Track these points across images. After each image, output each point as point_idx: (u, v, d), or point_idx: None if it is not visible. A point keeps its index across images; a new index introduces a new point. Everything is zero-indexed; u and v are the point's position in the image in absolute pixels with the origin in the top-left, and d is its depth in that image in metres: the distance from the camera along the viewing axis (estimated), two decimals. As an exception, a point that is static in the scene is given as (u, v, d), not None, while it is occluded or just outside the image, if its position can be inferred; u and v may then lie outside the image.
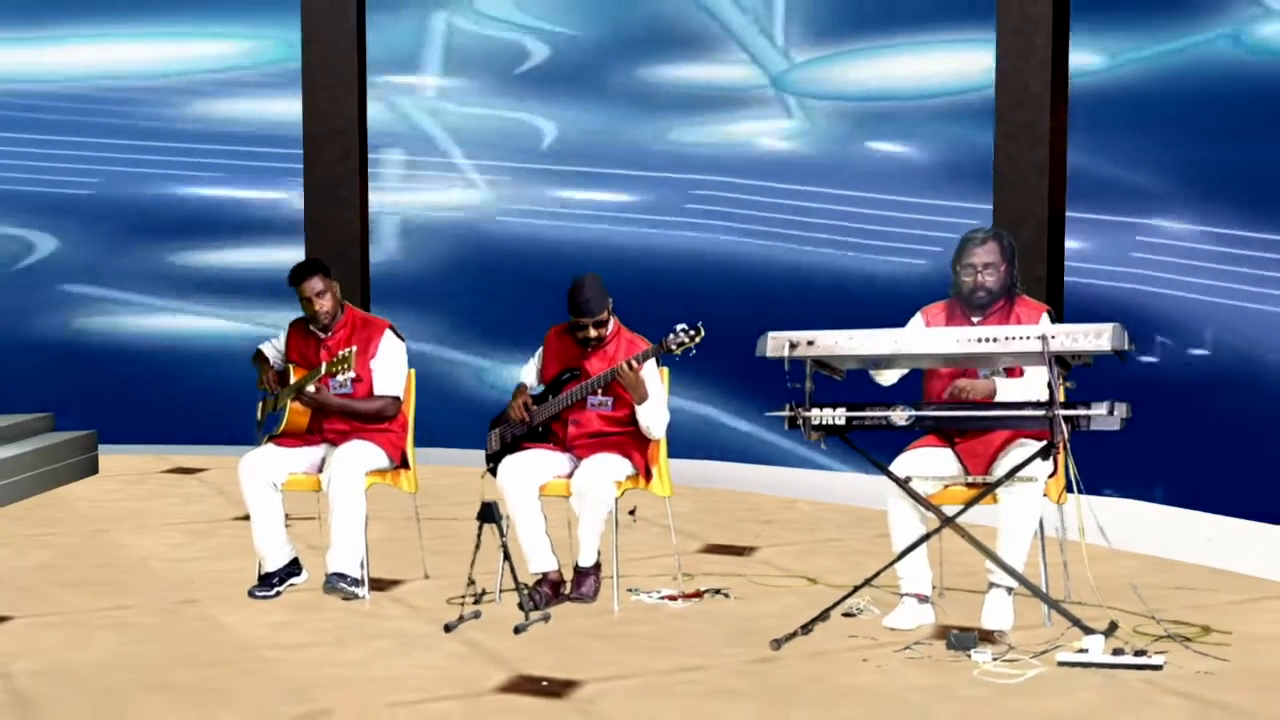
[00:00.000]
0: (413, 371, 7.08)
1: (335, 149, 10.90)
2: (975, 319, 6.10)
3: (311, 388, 6.66)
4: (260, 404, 7.09)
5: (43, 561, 7.41)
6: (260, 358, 7.00)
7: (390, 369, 6.81)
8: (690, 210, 10.88)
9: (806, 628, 6.04)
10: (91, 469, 10.46)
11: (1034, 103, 8.71)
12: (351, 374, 6.66)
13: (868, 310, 6.73)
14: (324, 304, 6.73)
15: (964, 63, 9.58)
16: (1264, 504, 8.02)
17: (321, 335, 6.81)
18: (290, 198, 11.36)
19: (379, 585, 6.96)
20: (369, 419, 6.77)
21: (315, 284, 6.75)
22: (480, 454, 6.95)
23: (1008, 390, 6.08)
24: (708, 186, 10.80)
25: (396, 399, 6.81)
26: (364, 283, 10.92)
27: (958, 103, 9.78)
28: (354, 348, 6.57)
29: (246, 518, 7.08)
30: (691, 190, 10.86)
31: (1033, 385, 6.00)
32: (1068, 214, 8.81)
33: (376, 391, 6.78)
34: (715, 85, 10.83)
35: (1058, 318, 6.52)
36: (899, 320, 6.34)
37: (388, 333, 6.80)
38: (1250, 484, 8.25)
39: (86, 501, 9.46)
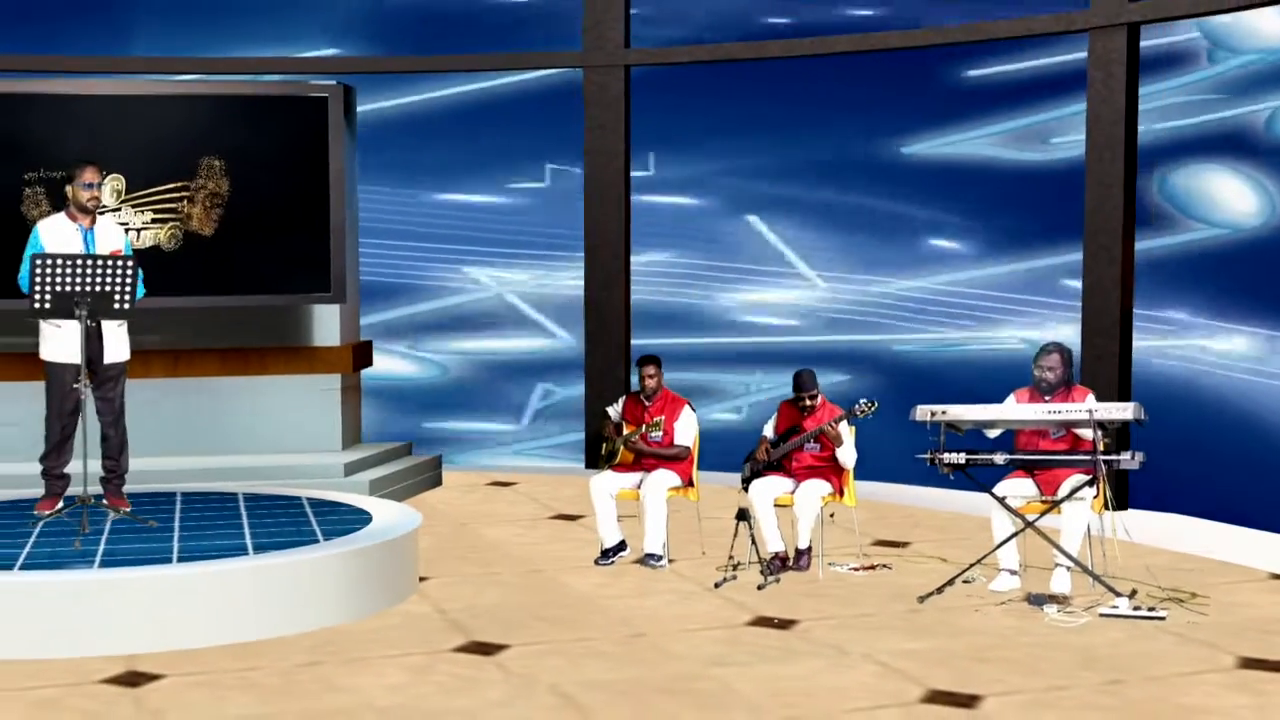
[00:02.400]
0: (698, 431, 8.96)
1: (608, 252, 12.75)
2: (1046, 398, 8.28)
3: (636, 438, 8.91)
4: (604, 444, 9.12)
5: (432, 544, 9.02)
6: (605, 417, 9.14)
7: (685, 429, 8.81)
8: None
9: (940, 589, 7.99)
10: (438, 482, 11.83)
11: None
12: (660, 432, 8.76)
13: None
14: (651, 384, 8.80)
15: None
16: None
17: (646, 404, 8.86)
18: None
19: (672, 559, 8.86)
20: (670, 459, 8.82)
21: (650, 369, 8.80)
22: (737, 478, 8.99)
23: None
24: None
25: (687, 447, 8.82)
26: (627, 354, 12.70)
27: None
28: (664, 416, 8.68)
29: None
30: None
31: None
32: None
33: (675, 442, 8.83)
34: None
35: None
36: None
37: (686, 407, 8.82)
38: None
39: (443, 505, 10.85)
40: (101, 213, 8.61)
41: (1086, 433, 7.82)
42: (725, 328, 12.79)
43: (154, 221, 10.70)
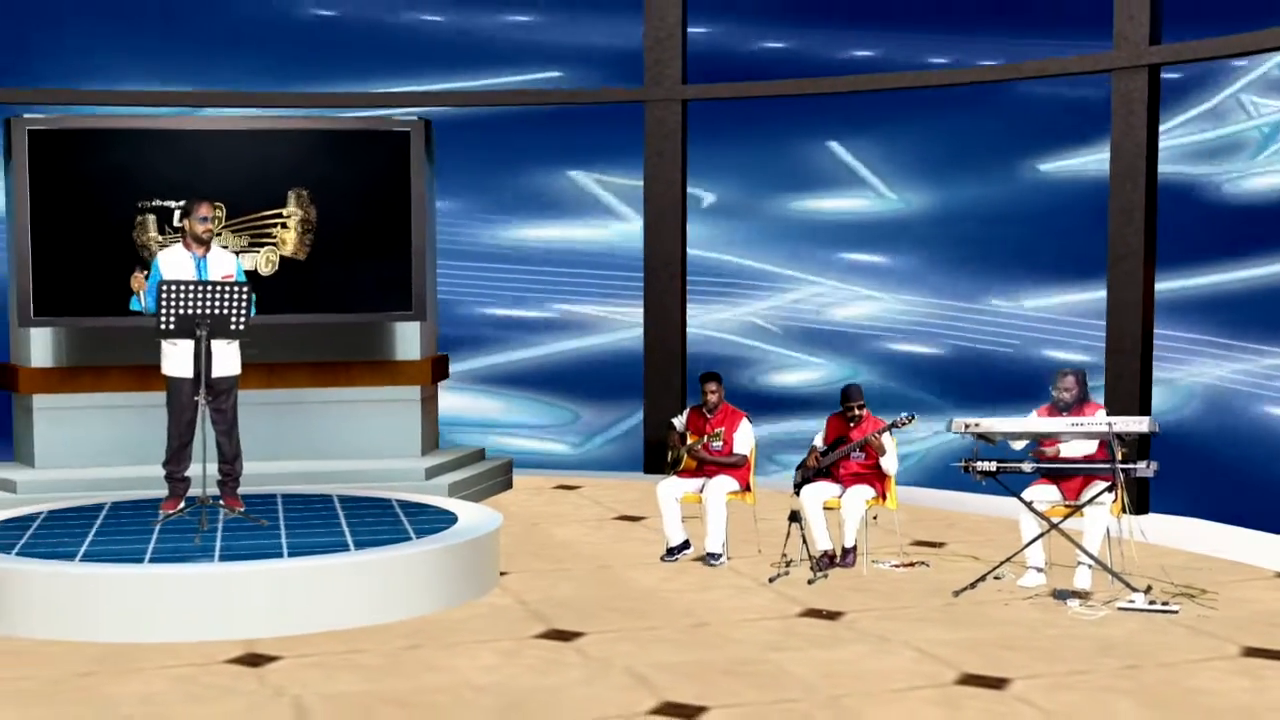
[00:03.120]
0: (755, 441, 9.40)
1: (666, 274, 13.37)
2: (1064, 413, 8.66)
3: (699, 447, 9.50)
4: (670, 452, 9.64)
5: (508, 542, 9.43)
6: (671, 427, 9.73)
7: (743, 439, 9.35)
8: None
9: (973, 585, 8.48)
10: (509, 485, 12.36)
11: None
12: (720, 442, 9.31)
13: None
14: (713, 398, 9.34)
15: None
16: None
17: (708, 416, 9.39)
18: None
19: (731, 557, 9.27)
20: (729, 466, 9.38)
21: (712, 385, 9.31)
22: (790, 483, 9.50)
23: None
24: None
25: (745, 455, 9.36)
26: (682, 368, 13.25)
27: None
28: (724, 427, 9.23)
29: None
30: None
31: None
32: None
33: (734, 450, 9.35)
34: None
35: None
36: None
37: (744, 419, 9.36)
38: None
39: (515, 506, 11.26)
40: (217, 235, 9.26)
41: (1087, 445, 8.42)
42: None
43: (250, 246, 11.39)
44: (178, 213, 10.88)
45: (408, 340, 12.03)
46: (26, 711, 6.43)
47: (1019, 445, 8.68)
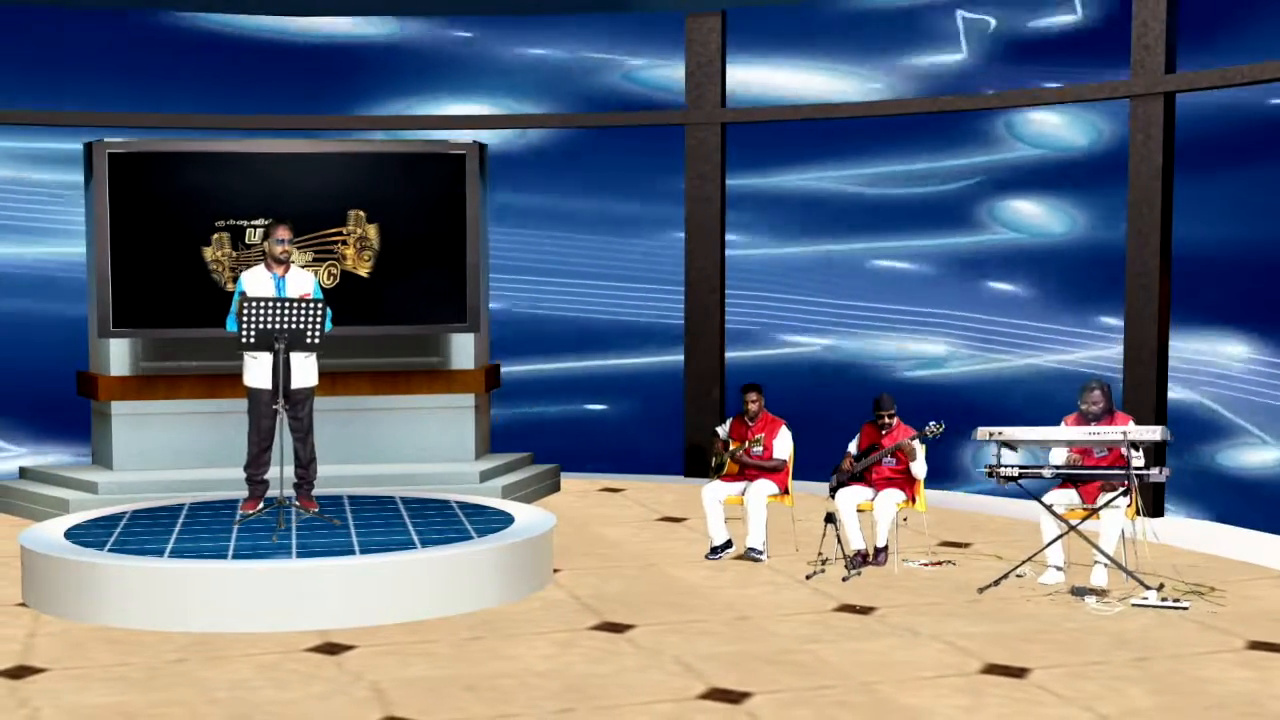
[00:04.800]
0: (794, 447, 9.71)
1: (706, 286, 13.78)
2: (1091, 423, 8.99)
3: (740, 453, 9.85)
4: (714, 458, 10.03)
5: (560, 542, 9.58)
6: (715, 434, 10.09)
7: (782, 445, 9.72)
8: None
9: (996, 582, 8.79)
10: (557, 488, 12.71)
11: None
12: (761, 448, 9.70)
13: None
14: (754, 407, 9.69)
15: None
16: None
17: (749, 424, 9.76)
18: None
19: (770, 555, 9.62)
20: (769, 470, 9.73)
21: (753, 395, 9.68)
22: (825, 486, 9.73)
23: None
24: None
25: (784, 461, 9.73)
26: (722, 379, 13.67)
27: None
28: (764, 434, 9.62)
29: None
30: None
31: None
32: None
33: (774, 456, 9.73)
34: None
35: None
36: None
37: (783, 427, 9.71)
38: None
39: (564, 507, 11.43)
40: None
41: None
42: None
43: (315, 261, 11.87)
44: (256, 233, 11.33)
45: (462, 350, 12.46)
46: (128, 695, 6.87)
47: (1059, 456, 8.97)
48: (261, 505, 9.46)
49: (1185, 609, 8.16)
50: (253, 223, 11.48)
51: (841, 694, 6.79)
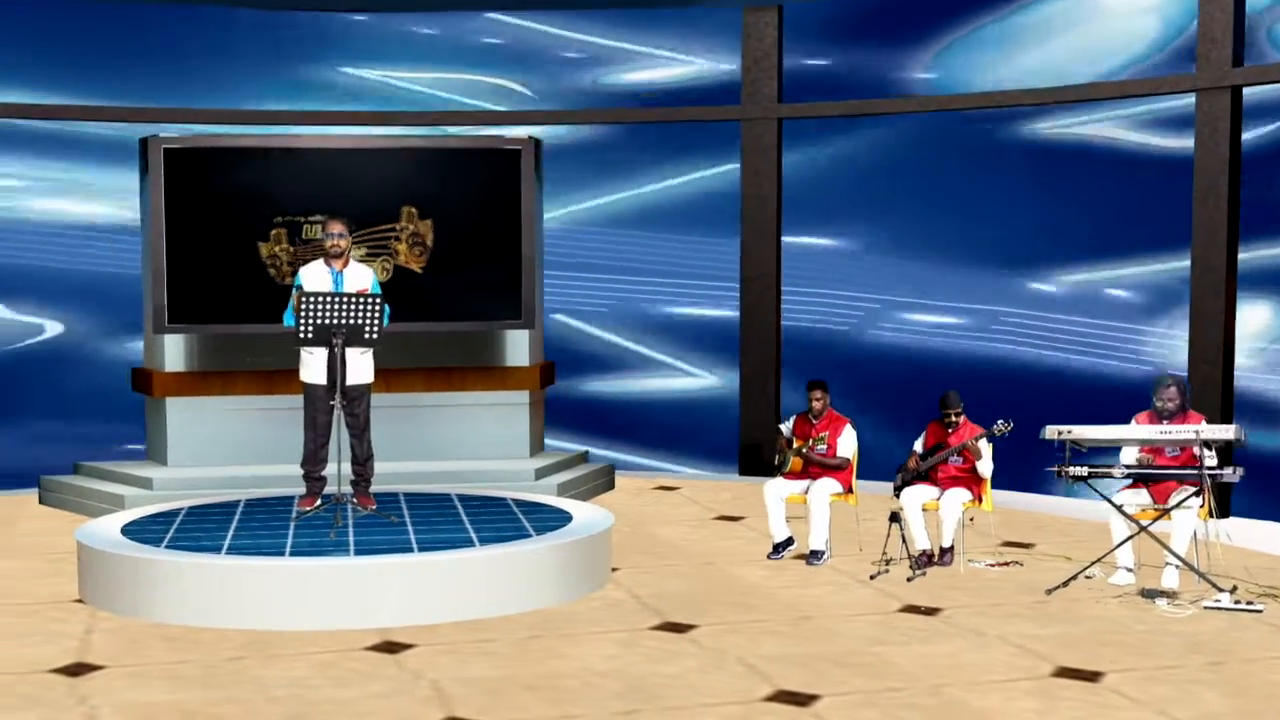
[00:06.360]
0: (857, 445, 9.64)
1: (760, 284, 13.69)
2: (1165, 421, 8.86)
3: (805, 450, 9.76)
4: (777, 455, 9.93)
5: (616, 540, 9.40)
6: (779, 432, 10.02)
7: (846, 443, 9.61)
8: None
9: (1065, 583, 8.68)
10: (611, 486, 12.61)
11: None
12: (825, 446, 9.60)
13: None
14: (818, 405, 9.59)
15: None
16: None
17: (813, 421, 9.66)
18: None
19: (832, 555, 9.53)
20: (833, 469, 9.62)
21: (818, 393, 9.61)
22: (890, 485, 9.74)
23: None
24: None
25: (848, 459, 9.62)
26: (777, 376, 13.53)
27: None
28: (828, 432, 9.52)
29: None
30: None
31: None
32: None
33: (838, 454, 9.62)
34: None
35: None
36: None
37: (847, 425, 9.61)
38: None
39: (618, 505, 11.29)
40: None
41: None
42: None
43: (368, 256, 11.78)
44: (315, 229, 11.26)
45: (517, 347, 12.36)
46: (187, 693, 6.82)
47: (1130, 455, 8.86)
48: (319, 502, 9.36)
49: (1259, 611, 8.04)
50: (310, 218, 11.36)
51: (910, 696, 6.68)
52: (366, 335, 8.94)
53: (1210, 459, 8.40)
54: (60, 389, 13.05)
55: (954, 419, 9.31)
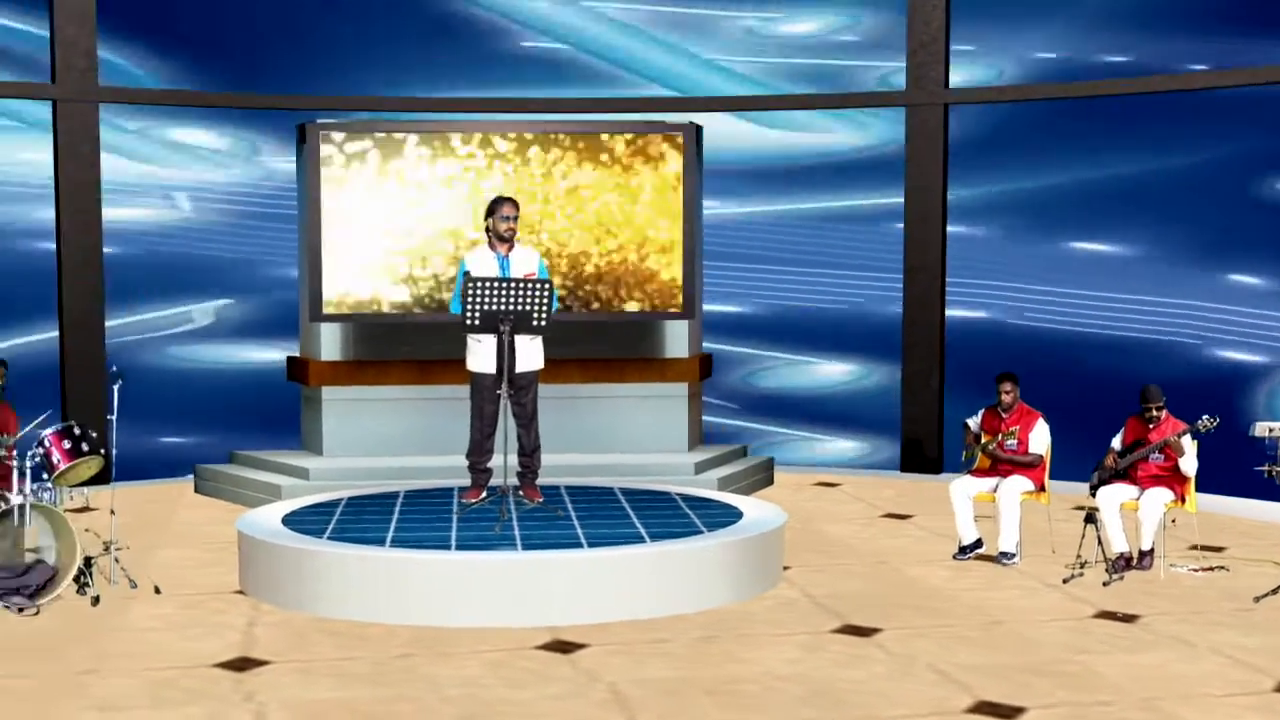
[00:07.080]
0: (1050, 442, 9.26)
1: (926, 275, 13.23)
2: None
3: (993, 447, 9.38)
4: (964, 451, 9.54)
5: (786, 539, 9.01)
6: (966, 426, 9.54)
7: (1039, 439, 9.18)
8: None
9: (1275, 590, 8.16)
10: (770, 481, 12.30)
11: None
12: (1015, 441, 9.17)
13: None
14: (1008, 398, 9.19)
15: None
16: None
17: (1003, 415, 9.25)
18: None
19: (1023, 556, 9.14)
20: (1023, 465, 9.21)
21: (1007, 385, 9.19)
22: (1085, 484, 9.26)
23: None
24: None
25: (1040, 456, 9.18)
26: (941, 368, 13.19)
27: None
28: (1019, 426, 9.10)
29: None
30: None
31: None
32: None
33: (1030, 450, 9.20)
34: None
35: None
36: None
37: (1040, 419, 9.18)
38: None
39: (780, 501, 10.40)
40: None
41: None
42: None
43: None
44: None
45: (676, 338, 12.03)
46: (355, 691, 6.59)
47: None
48: (484, 494, 9.03)
49: None
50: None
51: (1121, 710, 6.24)
52: (535, 322, 8.59)
53: None
54: (214, 378, 12.80)
55: (1155, 414, 8.84)
